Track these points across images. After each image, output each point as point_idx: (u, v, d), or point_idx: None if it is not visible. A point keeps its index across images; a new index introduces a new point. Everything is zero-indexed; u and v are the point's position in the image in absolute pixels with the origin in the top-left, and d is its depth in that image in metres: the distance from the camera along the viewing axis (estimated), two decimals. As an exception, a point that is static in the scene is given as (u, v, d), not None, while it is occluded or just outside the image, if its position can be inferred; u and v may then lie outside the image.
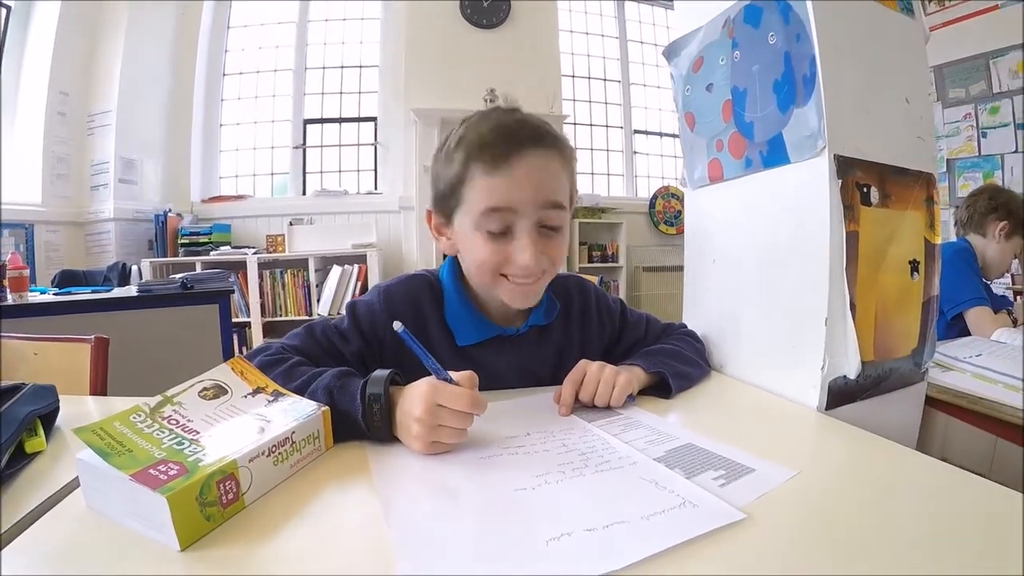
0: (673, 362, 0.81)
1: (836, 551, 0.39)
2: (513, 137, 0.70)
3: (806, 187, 0.76)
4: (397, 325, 0.60)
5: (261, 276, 3.47)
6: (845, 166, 0.74)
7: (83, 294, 2.13)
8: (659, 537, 0.40)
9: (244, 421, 0.53)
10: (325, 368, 0.66)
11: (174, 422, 0.50)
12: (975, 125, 3.21)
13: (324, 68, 4.15)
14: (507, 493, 0.48)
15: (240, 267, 3.41)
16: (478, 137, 0.71)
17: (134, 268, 2.82)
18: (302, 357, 0.71)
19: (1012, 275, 2.80)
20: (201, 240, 3.52)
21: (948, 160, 3.31)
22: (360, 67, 4.16)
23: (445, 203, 0.76)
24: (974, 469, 0.51)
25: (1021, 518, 0.42)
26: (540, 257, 0.72)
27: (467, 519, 0.44)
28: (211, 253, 3.43)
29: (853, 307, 0.73)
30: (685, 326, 0.98)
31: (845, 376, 0.75)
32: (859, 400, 0.77)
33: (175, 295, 2.13)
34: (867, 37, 0.78)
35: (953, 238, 1.81)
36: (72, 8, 3.24)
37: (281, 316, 3.51)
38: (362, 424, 0.59)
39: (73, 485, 0.50)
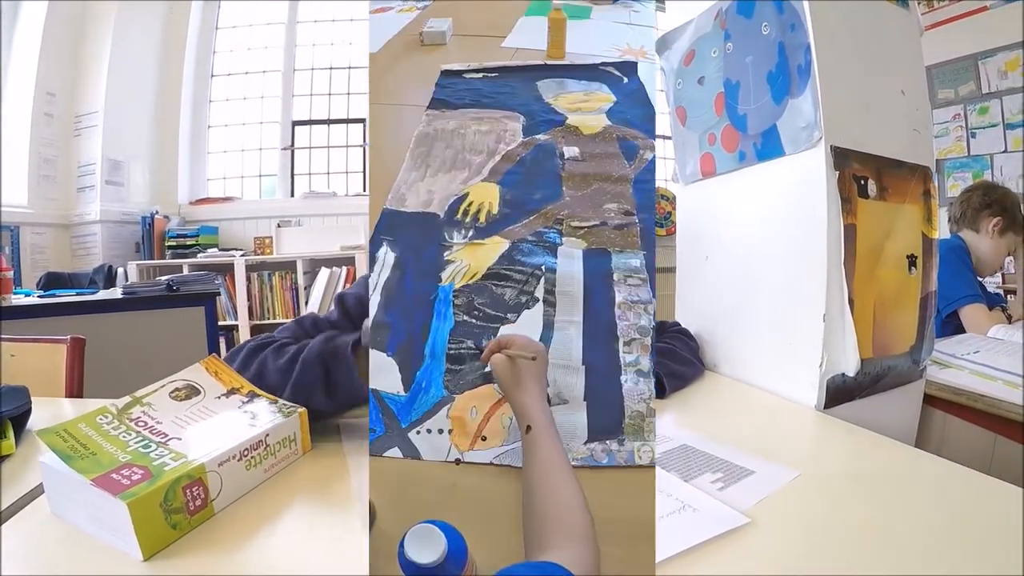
0: (667, 361, 0.79)
1: (843, 556, 0.37)
2: None
3: (802, 179, 0.74)
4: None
5: (249, 279, 3.42)
6: (842, 157, 0.72)
7: (67, 296, 2.09)
8: (660, 544, 0.37)
9: (216, 423, 0.50)
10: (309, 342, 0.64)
11: (142, 424, 0.48)
12: (964, 125, 3.22)
13: (313, 69, 4.10)
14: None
15: (228, 269, 3.36)
16: None
17: (120, 270, 2.78)
18: None
19: (1003, 274, 2.80)
20: (188, 242, 3.47)
21: (937, 160, 3.31)
22: (349, 68, 4.11)
23: None
24: (974, 468, 0.49)
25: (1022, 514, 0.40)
26: None
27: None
28: (198, 255, 3.38)
29: (851, 303, 0.72)
30: (678, 324, 0.96)
31: (844, 374, 0.73)
32: (857, 399, 0.76)
33: (160, 297, 2.09)
34: (862, 27, 0.77)
35: (946, 235, 1.80)
36: (59, 8, 3.19)
37: (269, 319, 3.45)
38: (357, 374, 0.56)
39: (39, 490, 0.47)
